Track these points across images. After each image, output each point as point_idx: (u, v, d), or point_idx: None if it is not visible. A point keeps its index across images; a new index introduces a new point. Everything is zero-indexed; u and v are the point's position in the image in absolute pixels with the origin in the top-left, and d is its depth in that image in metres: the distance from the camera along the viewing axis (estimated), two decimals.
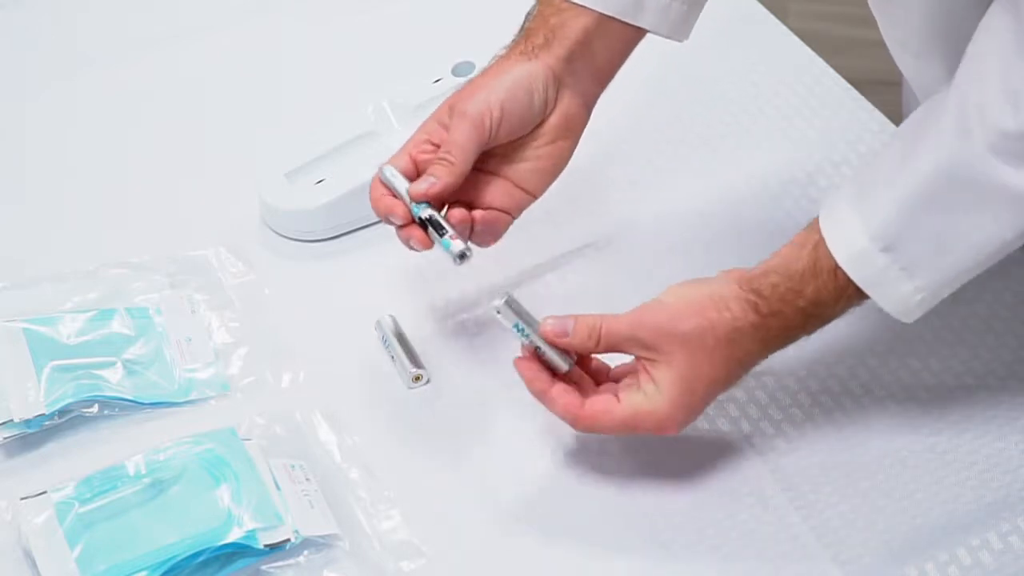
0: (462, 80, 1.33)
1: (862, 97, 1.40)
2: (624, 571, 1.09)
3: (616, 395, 1.08)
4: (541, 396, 1.09)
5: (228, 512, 1.07)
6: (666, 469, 1.14)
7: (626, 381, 1.09)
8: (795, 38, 1.47)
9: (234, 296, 1.25)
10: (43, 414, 1.14)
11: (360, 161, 1.30)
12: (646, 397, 1.07)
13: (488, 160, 1.17)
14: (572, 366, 1.10)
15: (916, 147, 1.04)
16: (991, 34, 1.01)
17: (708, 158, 1.36)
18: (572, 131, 1.18)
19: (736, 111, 1.39)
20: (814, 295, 1.07)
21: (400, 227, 1.14)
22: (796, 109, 1.40)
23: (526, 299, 1.24)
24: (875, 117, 1.38)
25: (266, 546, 1.06)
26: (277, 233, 1.31)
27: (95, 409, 1.16)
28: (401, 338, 1.21)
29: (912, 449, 1.14)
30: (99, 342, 1.19)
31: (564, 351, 1.09)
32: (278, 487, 1.09)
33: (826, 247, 1.06)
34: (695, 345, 1.06)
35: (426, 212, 1.13)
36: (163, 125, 1.41)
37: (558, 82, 1.17)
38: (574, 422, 1.09)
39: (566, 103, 1.18)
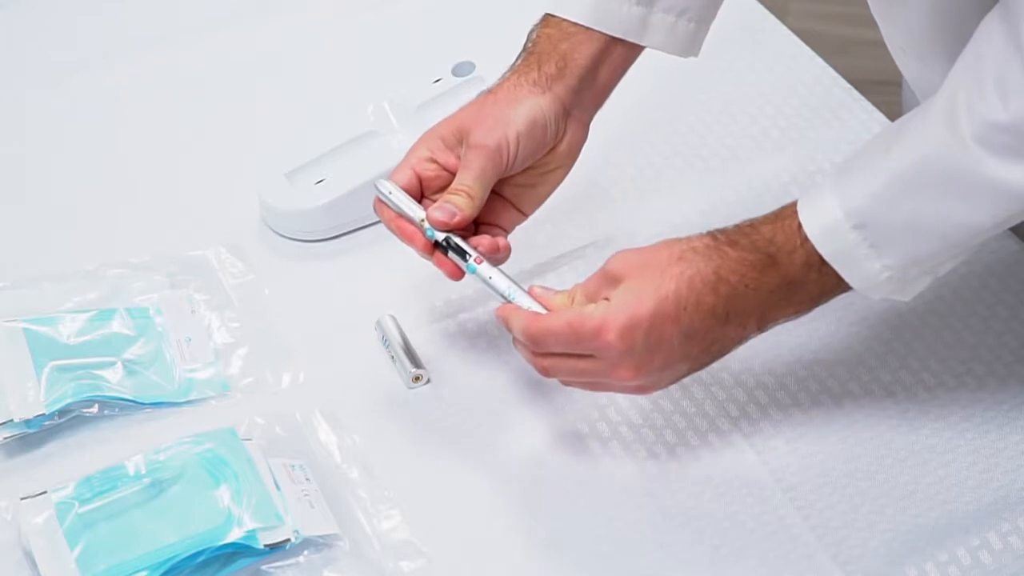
0: (462, 80, 1.34)
1: (862, 97, 1.40)
2: (624, 571, 1.09)
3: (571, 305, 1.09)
4: (500, 315, 1.10)
5: (228, 512, 1.07)
6: (666, 469, 1.14)
7: None
8: (795, 38, 1.47)
9: (234, 296, 1.25)
10: (43, 414, 1.14)
11: (360, 161, 1.30)
12: (596, 306, 1.07)
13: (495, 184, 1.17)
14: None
15: (902, 134, 1.04)
16: (987, 34, 1.01)
17: (708, 158, 1.36)
18: (571, 157, 1.19)
19: (736, 111, 1.39)
20: (770, 234, 1.06)
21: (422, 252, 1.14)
22: (796, 109, 1.40)
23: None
24: (875, 117, 1.38)
25: (266, 546, 1.06)
26: (277, 233, 1.31)
27: (95, 409, 1.16)
28: (401, 338, 1.21)
29: (912, 449, 1.14)
30: (99, 342, 1.19)
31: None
32: (278, 487, 1.09)
33: (797, 217, 1.06)
34: (649, 263, 1.06)
35: (441, 234, 1.13)
36: (163, 125, 1.41)
37: (567, 114, 1.17)
38: (525, 331, 1.07)
39: (571, 134, 1.18)
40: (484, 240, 1.14)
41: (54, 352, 1.17)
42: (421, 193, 1.15)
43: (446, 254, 1.13)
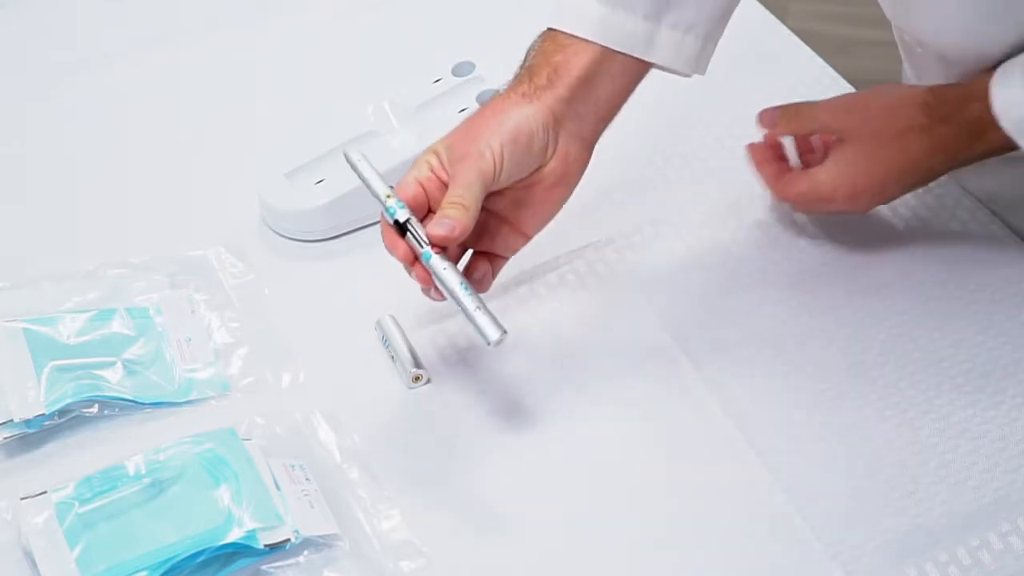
0: (462, 80, 1.34)
1: None
2: (624, 571, 1.09)
3: (806, 172, 1.24)
4: (756, 163, 1.28)
5: (228, 512, 1.07)
6: (666, 469, 1.14)
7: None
8: (795, 38, 1.47)
9: (234, 296, 1.25)
10: (43, 414, 1.14)
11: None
12: (824, 169, 1.22)
13: (490, 201, 1.15)
14: (503, 336, 1.08)
15: None
16: None
17: (708, 158, 1.36)
18: (571, 175, 1.17)
19: (736, 111, 1.39)
20: (979, 113, 1.15)
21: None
22: None
23: (526, 298, 1.24)
24: None
25: (266, 546, 1.06)
26: (277, 233, 1.31)
27: (95, 409, 1.16)
28: (401, 338, 1.21)
29: (912, 449, 1.14)
30: (99, 342, 1.19)
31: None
32: (278, 487, 1.09)
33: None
34: (876, 132, 1.20)
35: (403, 216, 1.11)
36: (163, 125, 1.41)
37: (558, 125, 1.15)
38: (775, 191, 1.27)
39: (566, 147, 1.16)
40: (480, 264, 1.15)
41: (54, 352, 1.17)
42: (428, 207, 1.13)
43: (403, 236, 1.11)
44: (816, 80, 1.42)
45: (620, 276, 1.26)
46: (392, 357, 1.20)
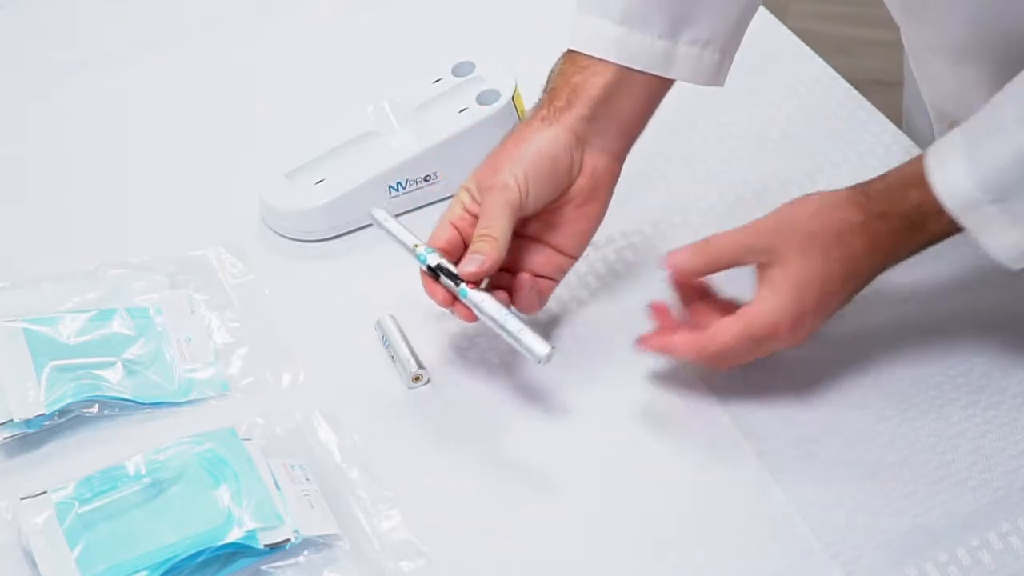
0: (462, 80, 1.34)
1: (862, 97, 1.40)
2: (624, 571, 1.09)
3: (734, 315, 1.11)
4: (666, 350, 1.14)
5: (228, 512, 1.07)
6: (666, 468, 1.14)
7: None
8: (795, 38, 1.47)
9: (234, 296, 1.25)
10: (43, 414, 1.14)
11: (360, 161, 1.30)
12: (760, 302, 1.10)
13: (526, 225, 1.18)
14: (553, 350, 1.11)
15: None
16: None
17: (708, 159, 1.36)
18: (601, 190, 1.19)
19: (736, 111, 1.39)
20: (918, 201, 1.08)
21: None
22: (796, 109, 1.40)
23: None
24: (875, 117, 1.38)
25: (266, 546, 1.06)
26: (277, 233, 1.31)
27: (95, 409, 1.16)
28: (401, 338, 1.21)
29: (912, 449, 1.14)
30: (99, 342, 1.19)
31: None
32: (278, 487, 1.09)
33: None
34: (808, 246, 1.10)
35: (434, 260, 1.14)
36: (163, 125, 1.41)
37: (582, 143, 1.17)
38: (701, 353, 1.12)
39: (592, 162, 1.18)
40: (526, 283, 1.16)
41: (54, 352, 1.17)
42: (464, 244, 1.15)
43: (437, 280, 1.14)
44: (816, 80, 1.42)
45: (620, 276, 1.26)
46: (392, 357, 1.20)
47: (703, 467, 1.14)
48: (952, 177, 1.07)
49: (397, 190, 1.30)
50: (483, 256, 1.13)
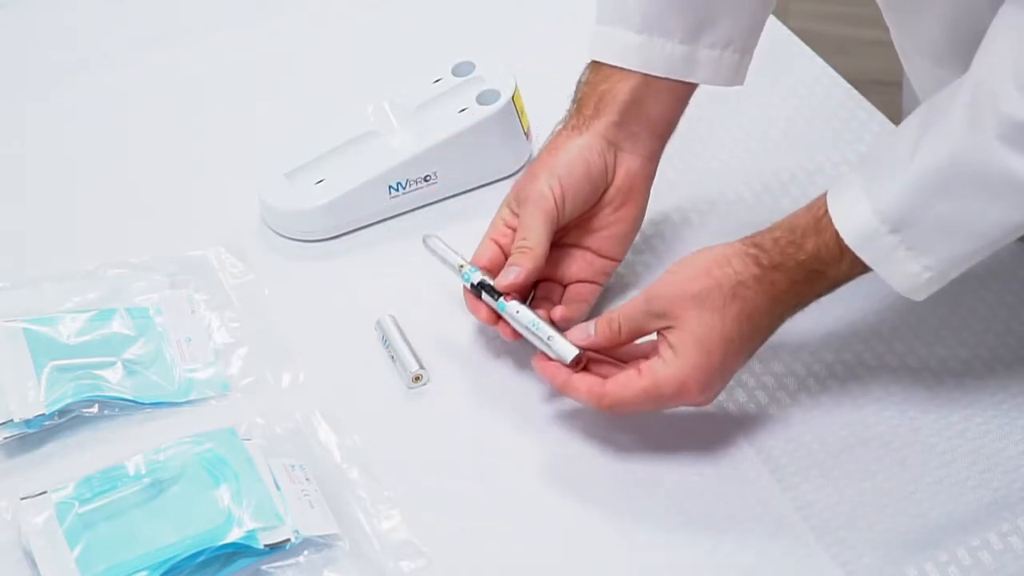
0: (462, 80, 1.34)
1: (862, 97, 1.40)
2: (624, 570, 1.09)
3: (638, 368, 1.10)
4: (564, 388, 1.12)
5: (228, 512, 1.07)
6: (666, 470, 1.14)
7: (652, 357, 1.10)
8: (795, 38, 1.47)
9: (234, 296, 1.25)
10: (43, 414, 1.14)
11: (360, 161, 1.30)
12: (664, 363, 1.09)
13: (566, 233, 1.20)
14: (582, 353, 1.12)
15: (927, 134, 1.04)
16: (1004, 27, 1.01)
17: (708, 159, 1.36)
18: (637, 192, 1.21)
19: (736, 111, 1.39)
20: (814, 250, 1.07)
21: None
22: (796, 109, 1.40)
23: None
24: (875, 117, 1.38)
25: (266, 546, 1.06)
26: (277, 233, 1.31)
27: (95, 409, 1.16)
28: (401, 338, 1.21)
29: (912, 449, 1.14)
30: (99, 342, 1.19)
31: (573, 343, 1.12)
32: (278, 487, 1.09)
33: (833, 225, 1.07)
34: (704, 304, 1.08)
35: (477, 278, 1.16)
36: (163, 125, 1.41)
37: (614, 148, 1.19)
38: (599, 401, 1.10)
39: (626, 166, 1.20)
40: (557, 310, 1.16)
41: (54, 352, 1.17)
42: (507, 259, 1.17)
43: (479, 297, 1.16)
44: (816, 80, 1.42)
45: (619, 276, 1.26)
46: (392, 357, 1.20)
47: (703, 467, 1.14)
48: (850, 207, 1.06)
49: (397, 190, 1.30)
50: (519, 267, 1.15)
